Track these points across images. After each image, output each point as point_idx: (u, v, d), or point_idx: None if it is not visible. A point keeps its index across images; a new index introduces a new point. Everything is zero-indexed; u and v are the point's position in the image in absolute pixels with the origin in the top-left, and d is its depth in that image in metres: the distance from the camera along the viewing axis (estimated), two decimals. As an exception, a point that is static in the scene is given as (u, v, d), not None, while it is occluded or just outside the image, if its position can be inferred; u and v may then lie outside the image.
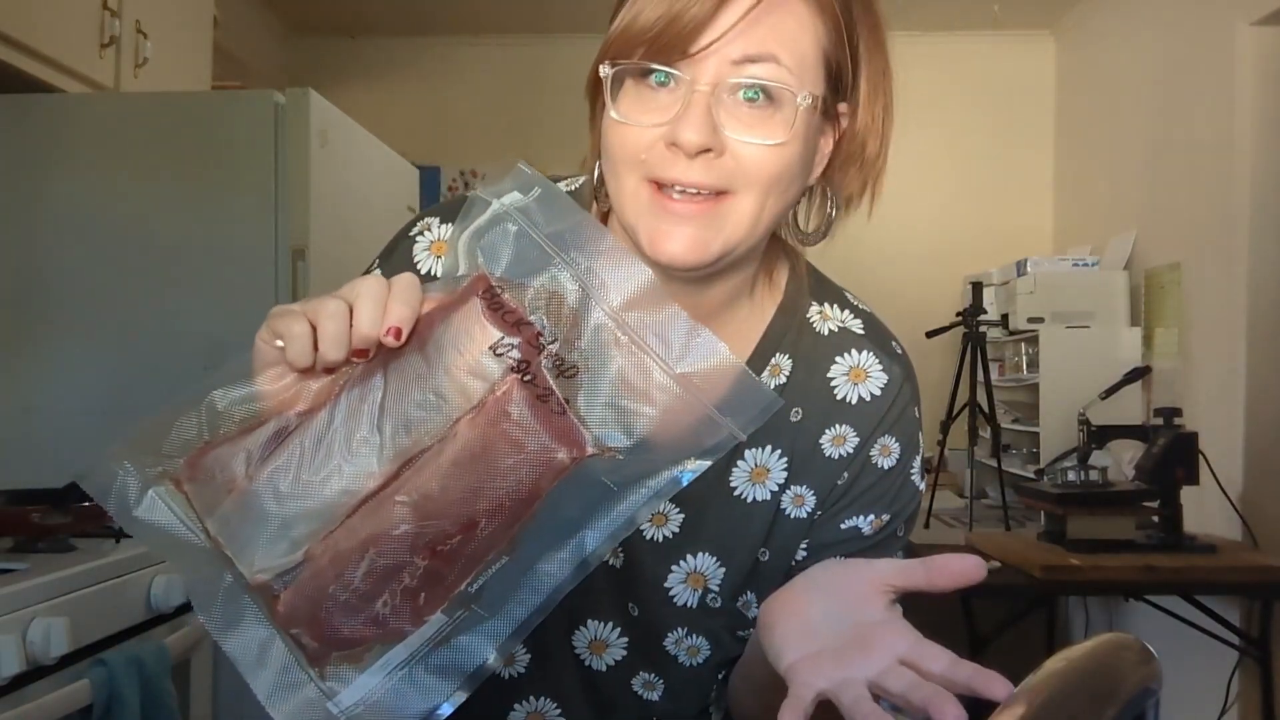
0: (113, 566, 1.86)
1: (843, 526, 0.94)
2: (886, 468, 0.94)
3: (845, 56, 0.84)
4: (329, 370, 0.69)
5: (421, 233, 0.93)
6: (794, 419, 0.93)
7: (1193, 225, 3.46)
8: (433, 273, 0.91)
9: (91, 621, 1.76)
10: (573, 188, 0.95)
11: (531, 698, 0.97)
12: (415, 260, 0.92)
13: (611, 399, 0.68)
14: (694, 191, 0.79)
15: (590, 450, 0.67)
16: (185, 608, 2.06)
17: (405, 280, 0.70)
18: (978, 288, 3.69)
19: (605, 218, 0.92)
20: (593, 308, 0.69)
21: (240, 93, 2.70)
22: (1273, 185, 3.17)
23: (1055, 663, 0.50)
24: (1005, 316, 3.88)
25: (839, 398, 0.94)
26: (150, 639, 1.91)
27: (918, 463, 0.97)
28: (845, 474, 0.94)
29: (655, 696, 0.97)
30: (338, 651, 0.65)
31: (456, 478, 0.66)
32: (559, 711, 0.97)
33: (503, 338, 0.68)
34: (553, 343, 0.68)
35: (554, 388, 0.67)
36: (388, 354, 0.69)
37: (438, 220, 0.93)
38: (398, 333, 0.67)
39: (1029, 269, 3.88)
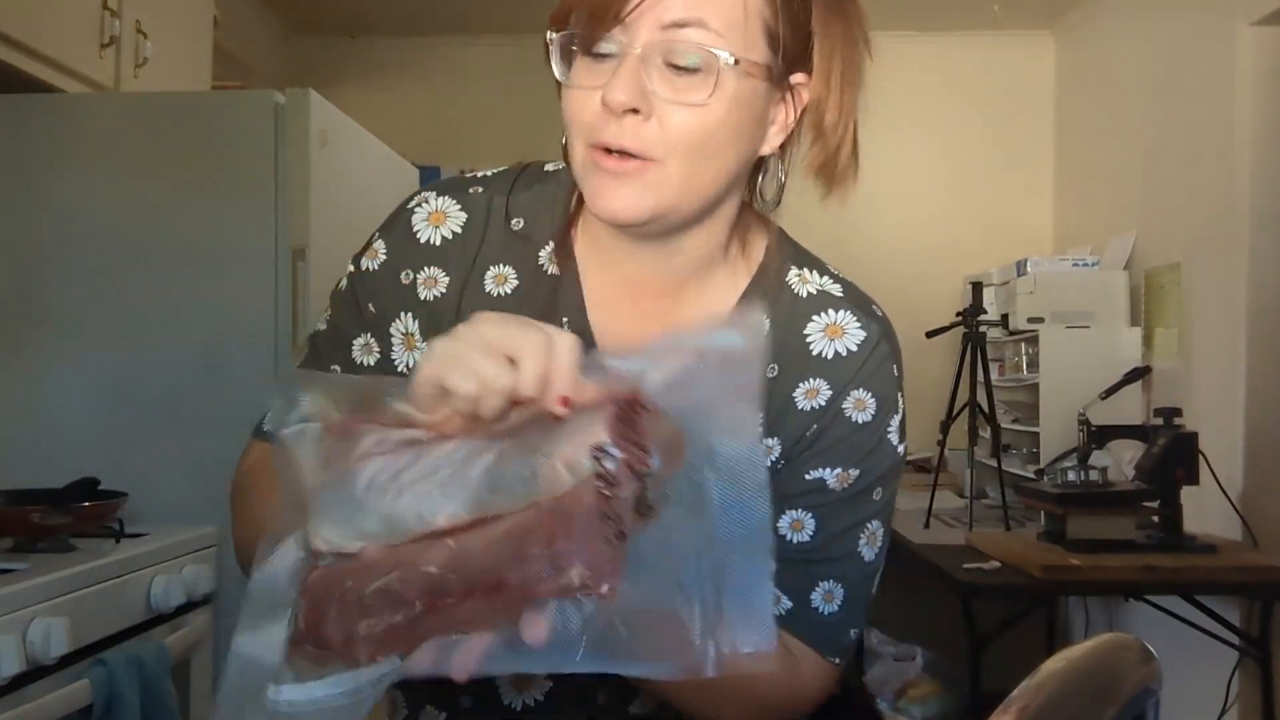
0: (113, 566, 1.86)
1: (807, 477, 0.94)
2: (860, 422, 0.94)
3: (788, 23, 0.85)
4: None
5: (420, 204, 0.96)
6: (769, 375, 0.94)
7: (1193, 225, 3.46)
8: (430, 241, 0.94)
9: (91, 621, 1.76)
10: (559, 168, 0.99)
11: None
12: (415, 229, 0.95)
13: (657, 559, 0.66)
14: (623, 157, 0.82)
15: (603, 591, 0.65)
16: (185, 608, 2.06)
17: (568, 345, 0.68)
18: (978, 288, 3.69)
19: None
20: (697, 464, 0.68)
21: (240, 93, 2.70)
22: (1273, 185, 3.17)
23: (1055, 663, 0.50)
24: (1005, 316, 3.88)
25: (814, 353, 0.94)
26: (150, 639, 1.91)
27: (896, 422, 0.96)
28: (814, 425, 0.94)
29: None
30: (313, 644, 0.66)
31: (494, 547, 0.66)
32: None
33: (609, 444, 0.67)
34: (648, 475, 0.67)
35: (621, 515, 0.65)
36: (524, 410, 0.69)
37: (434, 194, 0.97)
38: (567, 403, 0.66)
39: (1029, 269, 3.88)
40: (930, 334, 3.63)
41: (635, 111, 0.81)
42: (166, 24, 2.91)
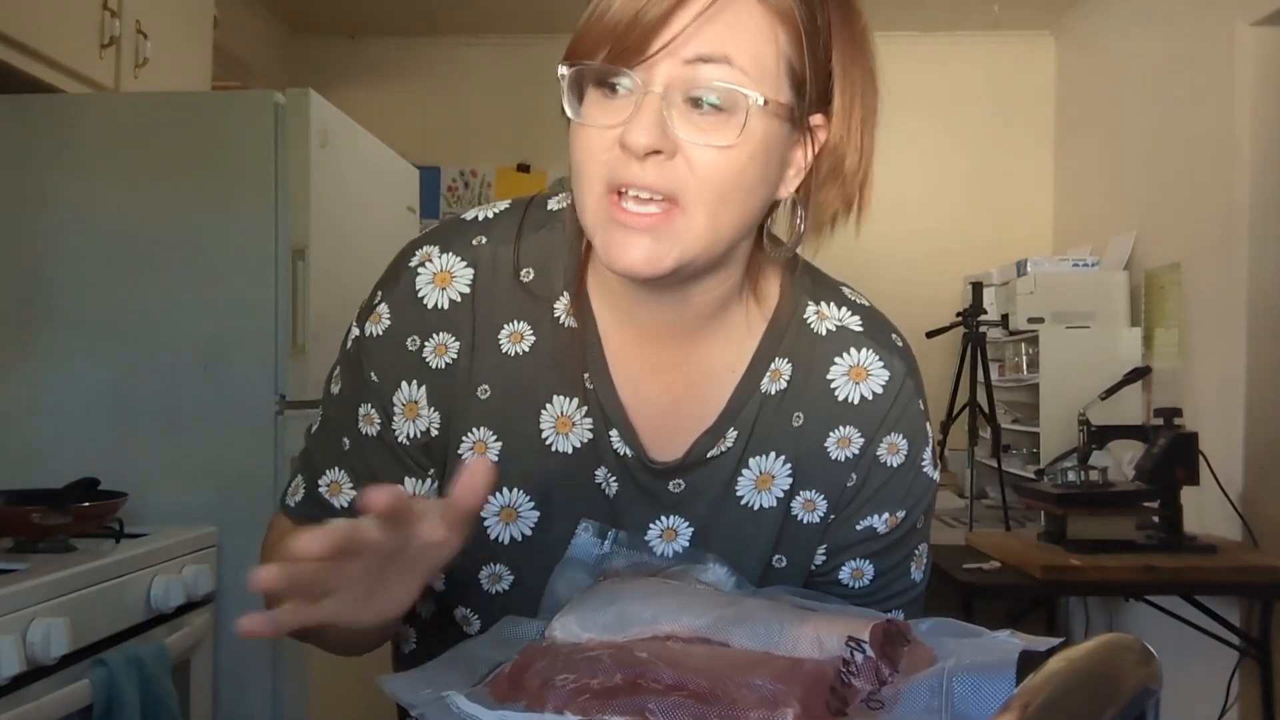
0: (113, 566, 1.86)
1: (858, 527, 0.94)
2: (896, 465, 0.93)
3: (811, 64, 0.82)
4: None
5: (423, 264, 0.91)
6: (796, 424, 0.92)
7: (1193, 225, 3.46)
8: (439, 305, 0.90)
9: (91, 621, 1.76)
10: (562, 205, 0.94)
11: None
12: (420, 294, 0.90)
13: None
14: (647, 196, 0.78)
15: None
16: (185, 608, 2.06)
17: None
18: (978, 288, 3.69)
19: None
20: (942, 674, 0.70)
21: (240, 93, 2.70)
22: (1273, 185, 3.17)
23: (1055, 663, 0.50)
24: (1005, 317, 3.88)
25: (840, 399, 0.92)
26: (150, 639, 1.91)
27: (928, 454, 0.96)
28: (854, 475, 0.93)
29: None
30: (509, 685, 0.72)
31: (719, 663, 0.72)
32: None
33: (864, 645, 0.73)
34: (888, 683, 0.71)
35: (848, 699, 0.70)
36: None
37: (437, 250, 0.91)
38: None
39: (1029, 269, 3.88)
40: (930, 334, 3.63)
41: (657, 152, 0.77)
42: (166, 24, 2.91)
